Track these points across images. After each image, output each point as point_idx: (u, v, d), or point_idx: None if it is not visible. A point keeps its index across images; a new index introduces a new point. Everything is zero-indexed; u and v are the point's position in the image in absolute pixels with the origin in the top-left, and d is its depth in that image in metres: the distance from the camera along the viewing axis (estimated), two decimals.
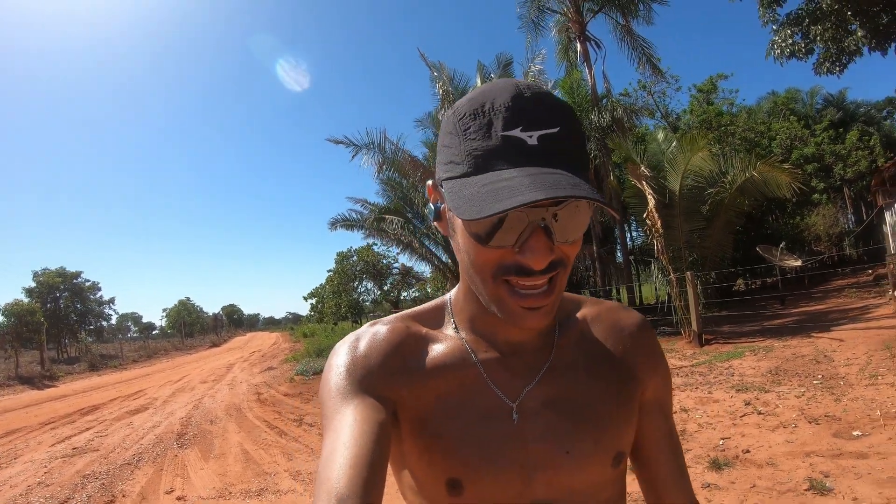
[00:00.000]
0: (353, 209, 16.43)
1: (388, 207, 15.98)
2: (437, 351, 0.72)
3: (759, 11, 10.34)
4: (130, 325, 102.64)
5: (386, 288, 36.66)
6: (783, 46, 10.06)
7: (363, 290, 39.96)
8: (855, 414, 4.66)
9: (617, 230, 17.27)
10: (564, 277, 0.61)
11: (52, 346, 31.28)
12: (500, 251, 0.58)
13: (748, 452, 4.18)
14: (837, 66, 10.08)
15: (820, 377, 6.06)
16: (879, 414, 4.54)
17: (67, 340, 36.83)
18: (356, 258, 37.07)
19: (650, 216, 10.80)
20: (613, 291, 19.24)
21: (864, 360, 6.49)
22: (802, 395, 5.49)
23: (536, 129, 0.55)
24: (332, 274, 40.12)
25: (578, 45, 17.30)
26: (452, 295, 0.77)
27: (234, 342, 46.69)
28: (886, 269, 12.18)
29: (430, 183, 0.68)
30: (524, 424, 0.68)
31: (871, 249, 19.23)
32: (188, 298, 78.58)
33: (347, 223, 16.30)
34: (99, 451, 6.81)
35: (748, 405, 5.42)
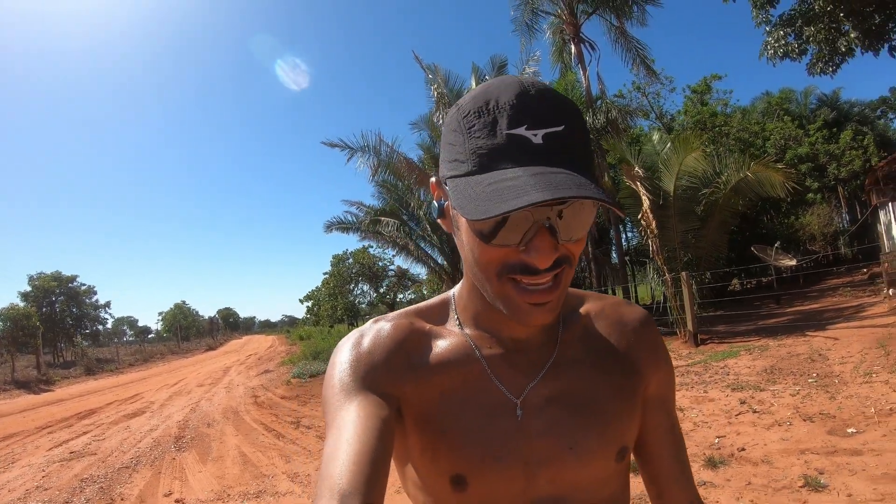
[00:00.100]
0: (348, 211, 16.41)
1: (383, 209, 15.99)
2: (440, 347, 0.72)
3: (752, 13, 10.38)
4: (126, 328, 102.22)
5: (382, 290, 36.57)
6: (776, 47, 10.09)
7: (359, 292, 39.89)
8: (849, 411, 4.71)
9: (612, 231, 17.29)
10: (570, 274, 0.62)
11: (47, 350, 31.16)
12: (504, 250, 0.58)
13: (743, 450, 4.22)
14: (830, 66, 10.11)
15: (815, 375, 6.10)
16: (874, 411, 4.59)
17: (63, 345, 36.69)
18: (352, 261, 37.02)
19: (645, 217, 10.83)
20: (609, 292, 19.26)
21: (858, 358, 6.54)
22: (797, 393, 5.52)
23: (541, 127, 0.55)
24: (327, 276, 40.00)
25: (573, 46, 17.33)
26: (456, 291, 0.77)
27: (230, 345, 46.51)
28: (881, 267, 12.26)
29: (433, 180, 0.68)
30: (528, 420, 0.68)
31: (865, 248, 19.36)
32: (184, 302, 78.10)
33: (343, 226, 16.29)
34: (97, 454, 6.81)
35: (743, 404, 5.45)
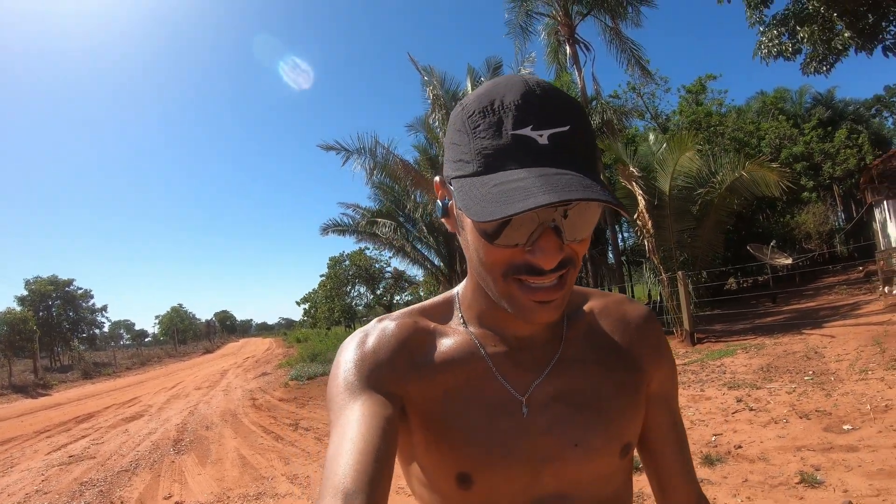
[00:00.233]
0: (345, 213, 16.49)
1: (380, 211, 16.03)
2: (445, 345, 0.72)
3: (746, 13, 10.42)
4: (123, 332, 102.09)
5: (379, 292, 36.59)
6: (770, 47, 10.12)
7: (356, 294, 39.98)
8: (845, 408, 4.74)
9: (608, 231, 17.32)
10: (574, 273, 0.62)
11: (44, 354, 31.08)
12: (510, 250, 0.58)
13: (740, 448, 4.24)
14: (825, 65, 10.14)
15: (811, 373, 6.13)
16: (869, 408, 4.62)
17: (60, 349, 36.67)
18: (348, 263, 37.05)
19: (641, 217, 10.88)
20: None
21: (854, 355, 6.58)
22: (793, 391, 5.56)
23: (547, 127, 0.54)
24: (324, 279, 40.05)
25: (568, 47, 17.35)
26: (460, 289, 0.77)
27: (227, 348, 46.46)
28: (876, 265, 12.32)
29: (437, 179, 0.68)
30: (533, 417, 0.68)
31: (861, 246, 19.48)
32: (180, 305, 78.40)
33: (339, 228, 16.31)
34: (96, 458, 6.79)
35: (740, 402, 5.48)
